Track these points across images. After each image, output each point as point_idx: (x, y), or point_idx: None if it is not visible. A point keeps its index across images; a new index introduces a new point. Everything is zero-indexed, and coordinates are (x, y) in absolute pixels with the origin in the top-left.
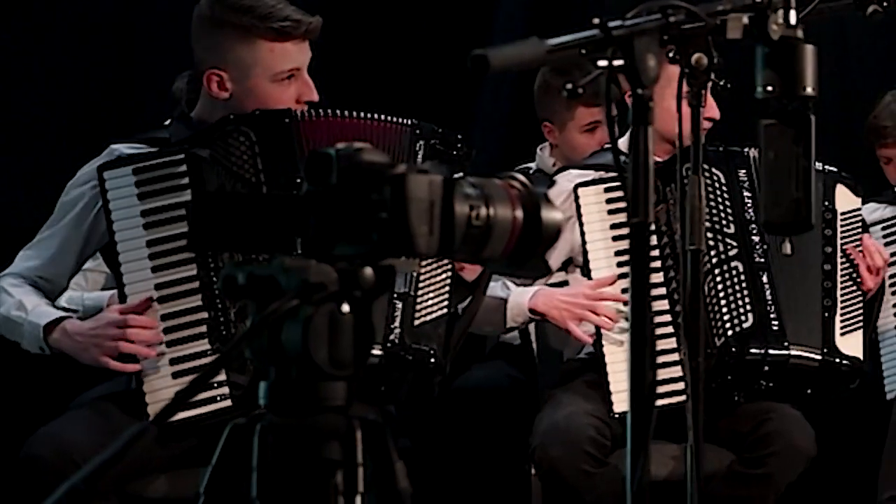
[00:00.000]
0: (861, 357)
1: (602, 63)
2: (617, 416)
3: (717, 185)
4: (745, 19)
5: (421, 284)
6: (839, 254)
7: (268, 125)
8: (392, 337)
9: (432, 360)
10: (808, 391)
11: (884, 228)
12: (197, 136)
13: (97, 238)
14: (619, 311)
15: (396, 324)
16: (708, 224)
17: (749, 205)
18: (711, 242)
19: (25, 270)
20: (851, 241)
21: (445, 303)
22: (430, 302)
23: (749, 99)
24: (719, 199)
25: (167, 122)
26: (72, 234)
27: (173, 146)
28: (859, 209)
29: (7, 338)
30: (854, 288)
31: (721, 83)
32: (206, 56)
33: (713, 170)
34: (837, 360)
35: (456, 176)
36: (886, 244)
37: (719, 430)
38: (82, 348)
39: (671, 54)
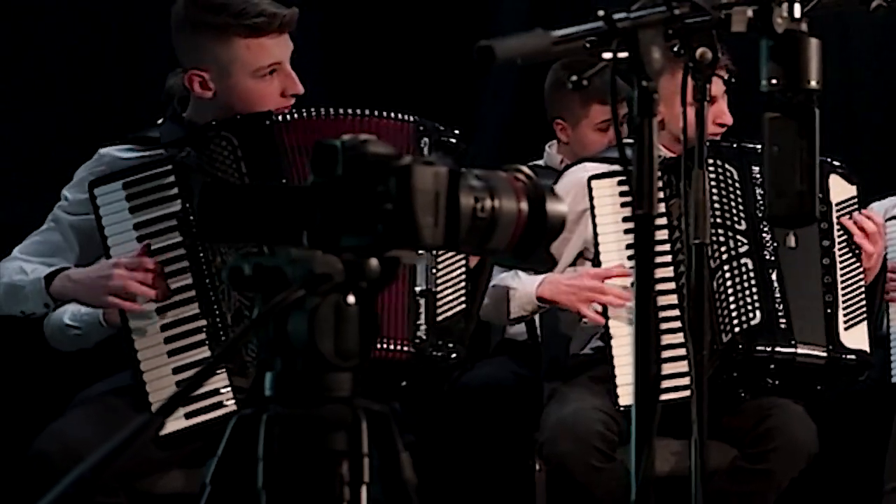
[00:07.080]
0: (867, 349)
1: (607, 55)
2: (622, 408)
3: (729, 180)
4: (750, 12)
5: (439, 280)
6: (836, 247)
7: (249, 129)
8: (419, 333)
9: (454, 354)
10: (818, 387)
11: None
12: (182, 141)
13: (93, 247)
14: (625, 289)
15: (422, 320)
16: (719, 220)
17: (761, 202)
18: (722, 238)
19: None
20: (849, 233)
21: (463, 297)
22: (449, 297)
23: (754, 92)
24: (731, 195)
25: (160, 121)
26: (67, 239)
27: (159, 150)
28: (854, 197)
29: (13, 312)
30: (854, 278)
31: (727, 78)
32: (186, 57)
33: (726, 165)
34: (843, 357)
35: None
36: None
37: (722, 425)
38: (86, 289)
39: (675, 48)
